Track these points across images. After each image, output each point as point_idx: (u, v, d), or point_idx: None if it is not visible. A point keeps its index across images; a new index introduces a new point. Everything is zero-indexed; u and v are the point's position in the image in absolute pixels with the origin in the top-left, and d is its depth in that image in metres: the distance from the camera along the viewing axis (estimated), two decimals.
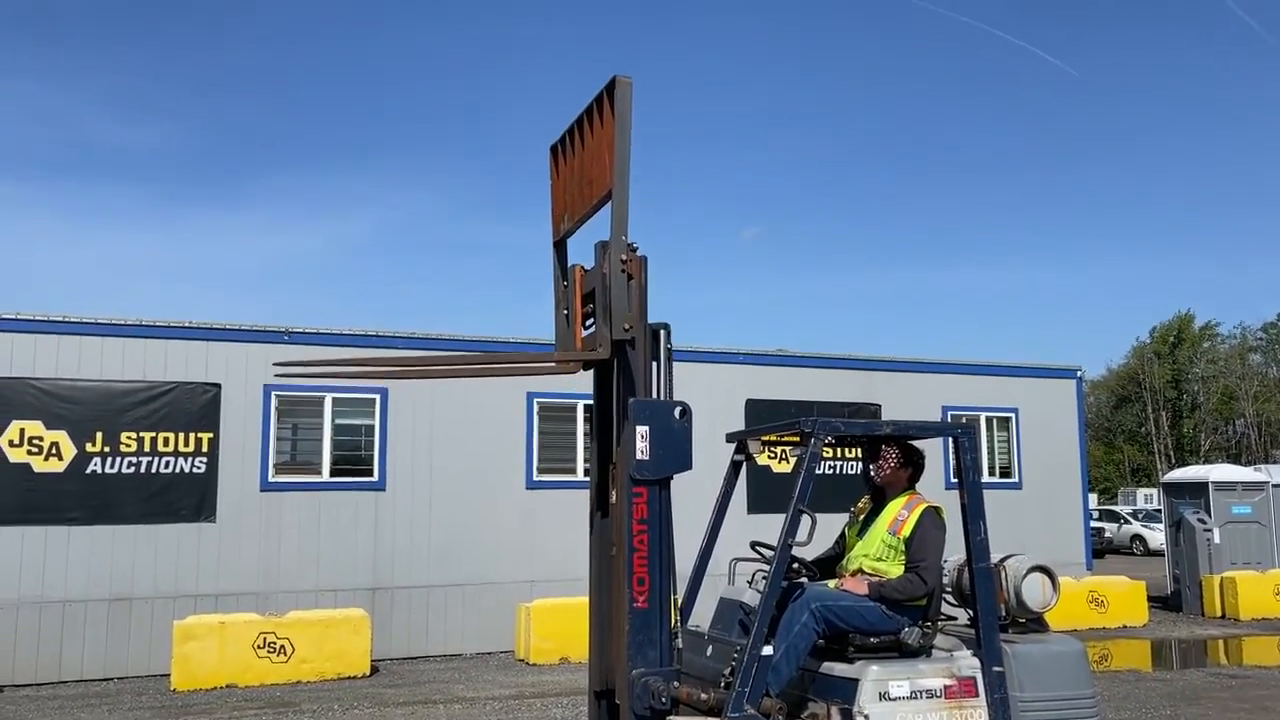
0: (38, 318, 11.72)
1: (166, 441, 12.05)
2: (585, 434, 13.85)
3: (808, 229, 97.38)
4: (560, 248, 5.18)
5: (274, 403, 12.59)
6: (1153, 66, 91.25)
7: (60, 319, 11.80)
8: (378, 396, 13.07)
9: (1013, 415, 16.95)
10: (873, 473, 5.34)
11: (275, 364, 4.24)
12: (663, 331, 4.76)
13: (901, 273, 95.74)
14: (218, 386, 12.33)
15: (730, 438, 5.66)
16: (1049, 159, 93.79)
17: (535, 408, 13.84)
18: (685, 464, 4.51)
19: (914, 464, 5.33)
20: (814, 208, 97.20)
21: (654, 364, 4.71)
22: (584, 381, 5.25)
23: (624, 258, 4.50)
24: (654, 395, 4.67)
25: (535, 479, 13.75)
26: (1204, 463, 51.86)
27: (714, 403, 13.63)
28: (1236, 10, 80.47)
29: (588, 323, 4.93)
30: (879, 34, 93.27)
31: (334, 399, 12.90)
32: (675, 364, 4.86)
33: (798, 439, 5.22)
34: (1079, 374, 18.00)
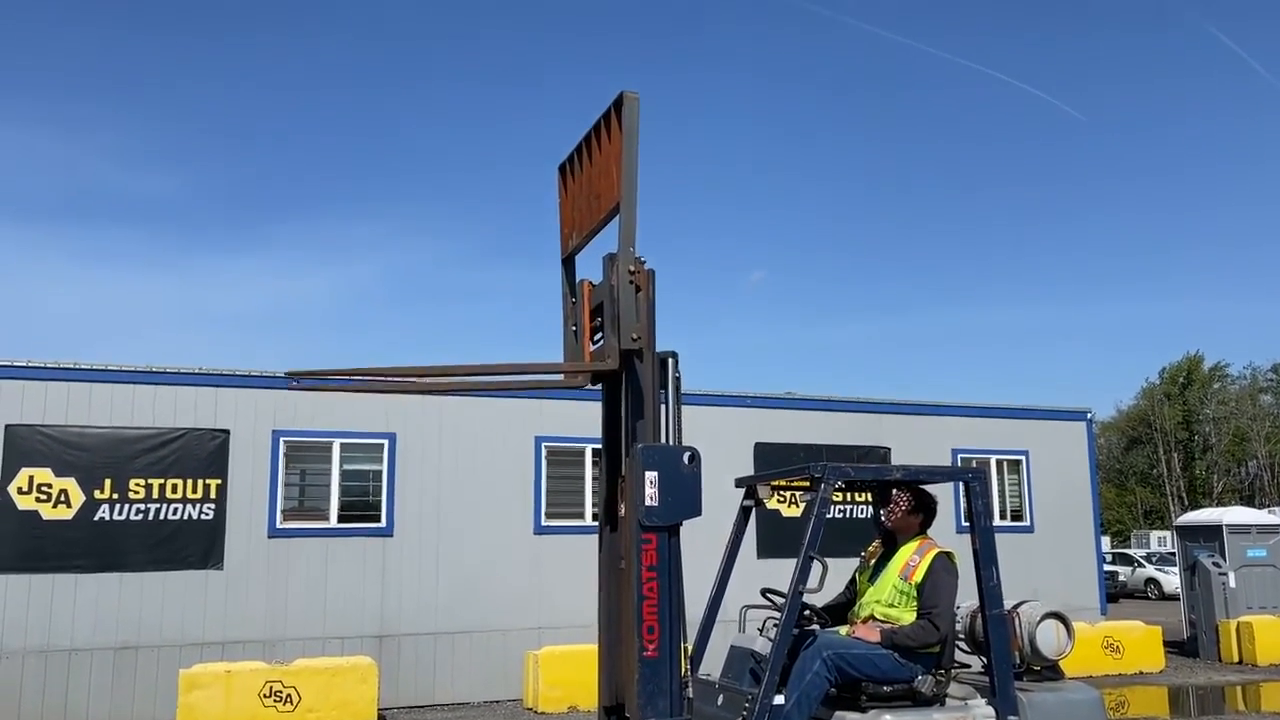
0: (48, 365, 11.77)
1: (175, 488, 12.04)
2: (594, 478, 13.81)
3: (814, 272, 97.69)
4: (568, 264, 5.24)
5: (282, 448, 12.59)
6: (1158, 108, 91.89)
7: (71, 366, 11.85)
8: (386, 442, 13.06)
9: (1023, 458, 16.85)
10: (883, 517, 5.31)
11: (289, 372, 4.27)
12: (670, 360, 4.76)
13: (909, 315, 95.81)
14: (226, 432, 12.35)
15: (739, 483, 5.63)
16: (1055, 201, 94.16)
17: (543, 452, 13.82)
18: (695, 510, 4.49)
19: (925, 509, 5.30)
20: (820, 250, 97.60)
21: (662, 392, 4.71)
22: (592, 424, 5.24)
23: (632, 268, 4.53)
24: (662, 422, 4.67)
25: (543, 524, 13.69)
26: (1217, 505, 51.43)
27: (722, 446, 13.58)
28: (1239, 51, 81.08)
29: (596, 337, 4.95)
30: (884, 80, 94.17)
31: (342, 444, 12.89)
32: (684, 407, 4.85)
33: (807, 484, 5.20)
34: (1089, 416, 17.91)
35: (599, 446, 5.02)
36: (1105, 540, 39.71)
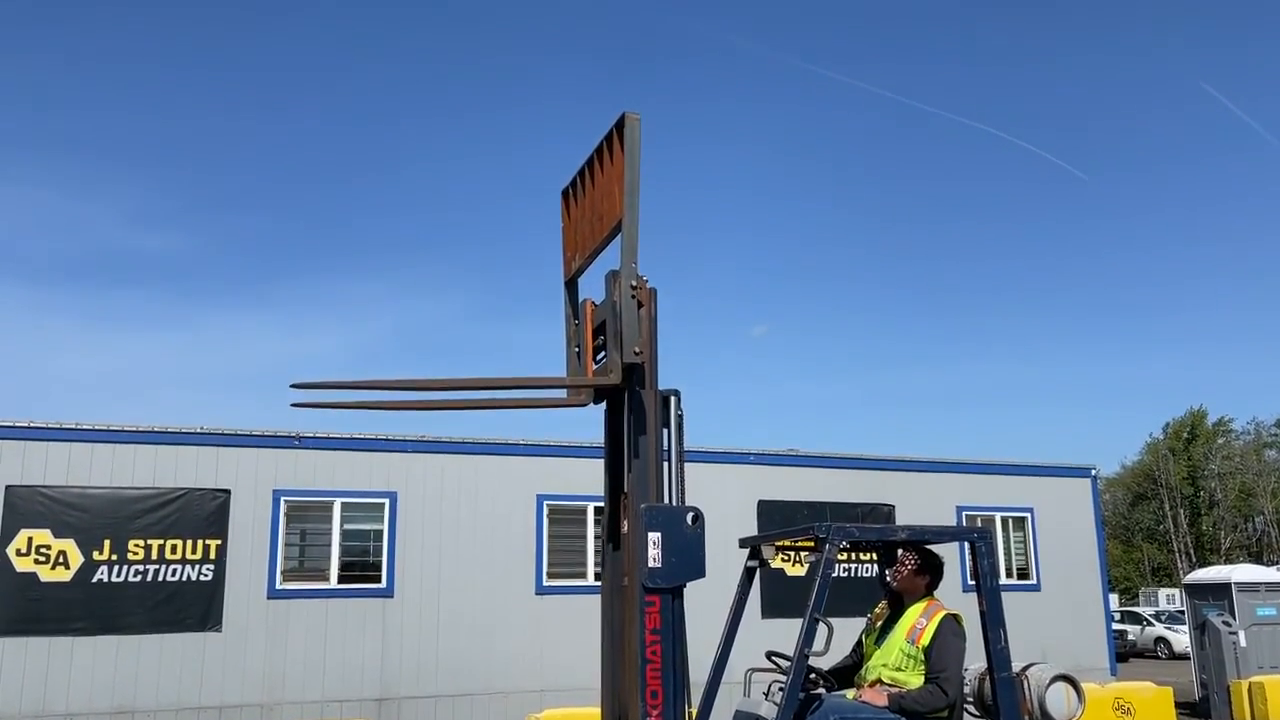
0: (50, 426, 11.77)
1: (174, 549, 11.96)
2: (596, 536, 13.71)
3: (817, 326, 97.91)
4: (571, 287, 5.28)
5: (283, 508, 12.53)
6: (1160, 167, 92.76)
7: (73, 426, 11.84)
8: (387, 501, 13.00)
9: (1028, 515, 16.75)
10: (889, 578, 5.26)
11: (293, 385, 4.26)
12: (673, 397, 4.76)
13: (912, 371, 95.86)
14: (227, 492, 12.29)
15: (743, 543, 5.59)
16: (1058, 258, 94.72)
17: (545, 510, 13.74)
18: (699, 572, 4.45)
19: (932, 570, 5.25)
20: (823, 304, 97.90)
21: (665, 430, 4.70)
22: (594, 482, 5.21)
23: (634, 283, 4.57)
24: (665, 460, 4.65)
25: (545, 584, 13.56)
26: (1225, 561, 50.95)
27: (726, 505, 13.51)
28: (1239, 113, 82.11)
29: (599, 357, 4.97)
30: (886, 137, 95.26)
31: (343, 504, 12.83)
32: (686, 464, 4.83)
33: (812, 544, 5.16)
34: (1093, 472, 17.84)
35: (601, 504, 5.00)
36: (1113, 598, 39.31)
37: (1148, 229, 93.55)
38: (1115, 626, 21.66)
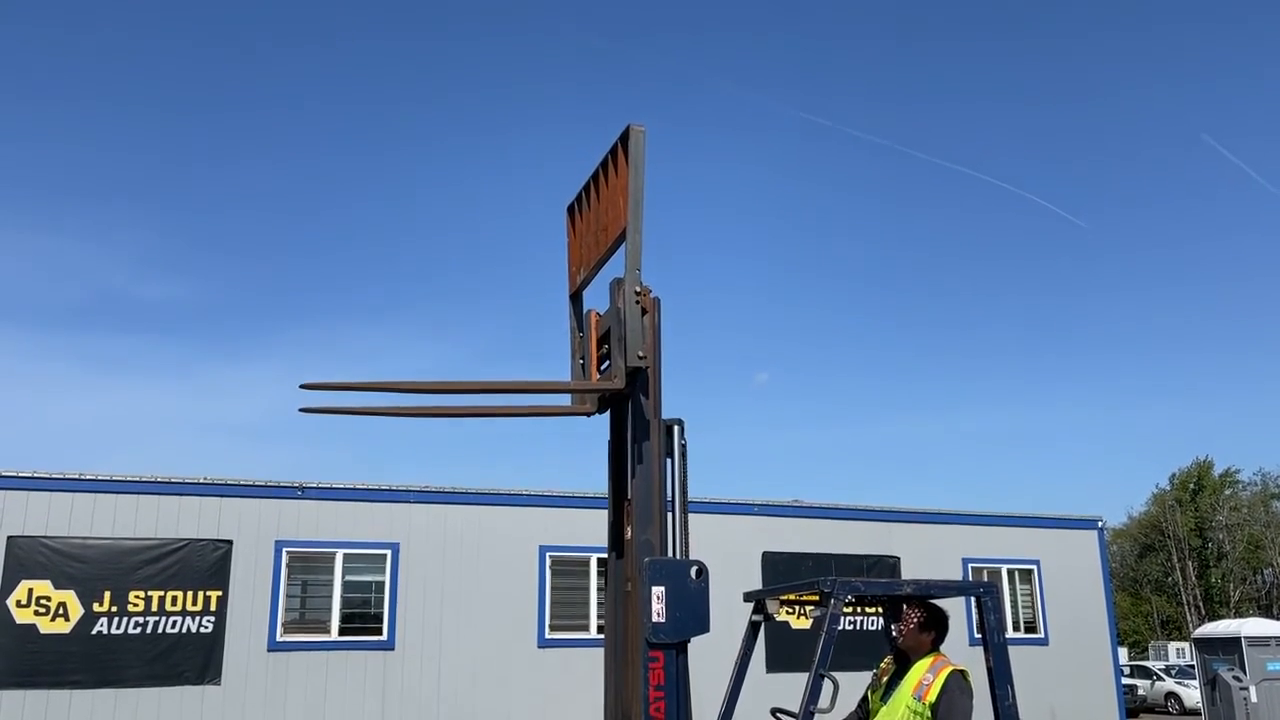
0: (54, 476, 11.76)
1: (174, 600, 11.88)
2: (599, 589, 13.61)
3: (821, 374, 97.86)
4: (576, 300, 5.33)
5: (284, 559, 12.46)
6: (1161, 216, 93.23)
7: (76, 476, 11.83)
8: (389, 552, 12.93)
9: (1035, 567, 16.61)
10: (894, 633, 5.20)
11: (303, 385, 4.26)
12: (676, 426, 4.74)
13: (915, 419, 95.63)
14: (229, 543, 12.24)
15: (748, 597, 5.55)
16: (1060, 307, 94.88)
17: (547, 562, 13.65)
18: (703, 626, 4.41)
19: (938, 625, 5.19)
20: (826, 352, 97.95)
21: (668, 460, 4.69)
22: (597, 533, 5.20)
23: (638, 289, 4.61)
24: (669, 490, 4.64)
25: (547, 637, 13.43)
26: (1234, 614, 50.41)
27: (730, 557, 13.43)
28: (1240, 164, 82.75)
29: (603, 367, 4.99)
30: (888, 187, 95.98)
31: (345, 554, 12.76)
32: (690, 515, 4.81)
33: (817, 598, 5.12)
34: (1100, 524, 17.72)
35: (604, 555, 4.99)
36: (1122, 652, 38.79)
37: (1148, 277, 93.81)
38: (1125, 681, 21.35)
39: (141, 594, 11.77)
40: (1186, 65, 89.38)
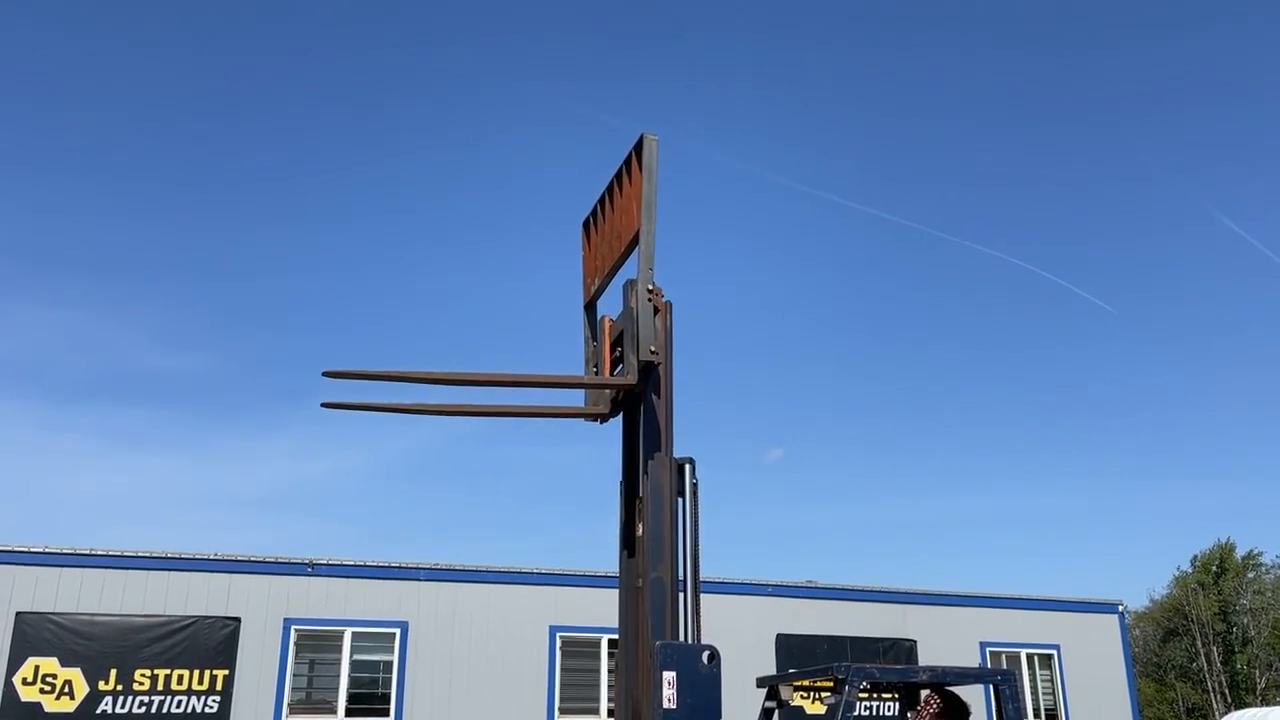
0: (64, 551, 11.74)
1: (180, 679, 11.73)
2: (610, 670, 13.39)
3: (835, 451, 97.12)
4: (590, 310, 5.43)
5: (293, 637, 12.33)
6: (1185, 301, 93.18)
7: (86, 552, 11.80)
8: (397, 631, 12.79)
9: (1055, 652, 16.28)
10: None
11: (326, 373, 4.29)
12: (688, 466, 4.76)
13: (931, 499, 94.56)
14: (237, 621, 12.13)
15: (761, 683, 5.45)
16: (1078, 387, 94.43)
17: (558, 642, 13.46)
18: (715, 713, 4.33)
19: (956, 714, 5.09)
20: (841, 429, 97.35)
21: (679, 499, 4.70)
22: (608, 613, 5.15)
23: (650, 288, 4.71)
24: (679, 529, 4.64)
25: None
26: (1262, 702, 49.09)
27: (743, 639, 13.22)
28: (1255, 243, 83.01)
29: (616, 370, 5.06)
30: (906, 265, 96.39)
31: (354, 633, 12.62)
32: (702, 595, 4.76)
33: (831, 684, 5.03)
34: (1121, 608, 17.41)
35: (615, 636, 4.95)
36: None
37: (1166, 357, 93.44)
38: None
39: (148, 672, 11.64)
40: (1197, 145, 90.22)
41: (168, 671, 11.72)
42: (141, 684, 11.60)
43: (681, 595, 4.65)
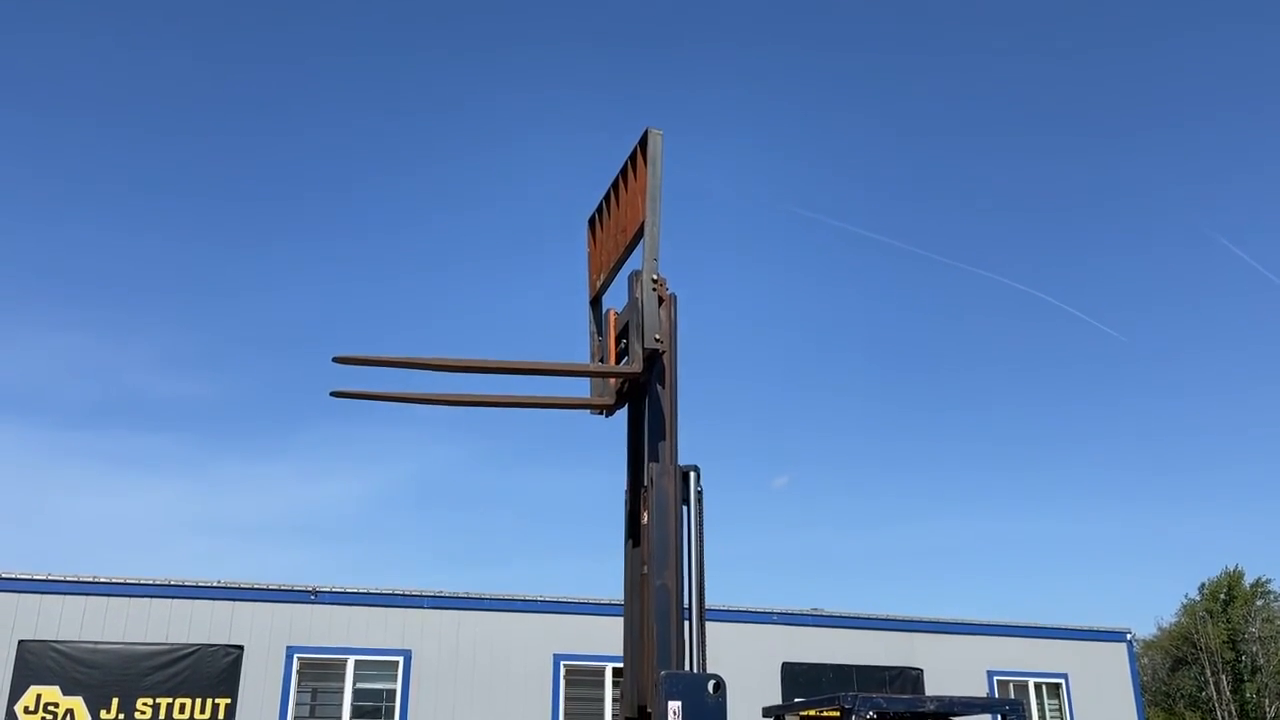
0: (67, 579, 11.71)
1: (183, 708, 11.67)
2: (614, 700, 13.29)
3: (841, 478, 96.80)
4: (595, 305, 5.49)
5: (295, 665, 12.27)
6: (1195, 327, 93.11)
7: (90, 580, 11.77)
8: (401, 659, 12.71)
9: (1063, 681, 16.14)
10: None
11: (336, 358, 4.32)
12: (693, 474, 4.80)
13: (938, 525, 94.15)
14: (240, 649, 12.08)
15: (767, 712, 5.43)
16: (1088, 413, 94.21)
17: (562, 671, 13.37)
18: None
19: None
20: (847, 456, 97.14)
21: (684, 508, 4.73)
22: (613, 641, 5.11)
23: (655, 278, 4.77)
24: (684, 538, 4.67)
25: None
26: None
27: (748, 668, 13.13)
28: (1258, 267, 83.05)
29: (621, 362, 5.11)
30: (912, 290, 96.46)
31: (356, 661, 12.55)
32: (707, 623, 4.75)
33: (838, 714, 5.00)
34: (1129, 636, 17.27)
35: (620, 665, 4.94)
36: None
37: (1173, 383, 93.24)
38: None
39: (150, 701, 11.58)
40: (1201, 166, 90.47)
41: (170, 700, 11.66)
42: (144, 713, 11.54)
43: (687, 624, 4.63)
